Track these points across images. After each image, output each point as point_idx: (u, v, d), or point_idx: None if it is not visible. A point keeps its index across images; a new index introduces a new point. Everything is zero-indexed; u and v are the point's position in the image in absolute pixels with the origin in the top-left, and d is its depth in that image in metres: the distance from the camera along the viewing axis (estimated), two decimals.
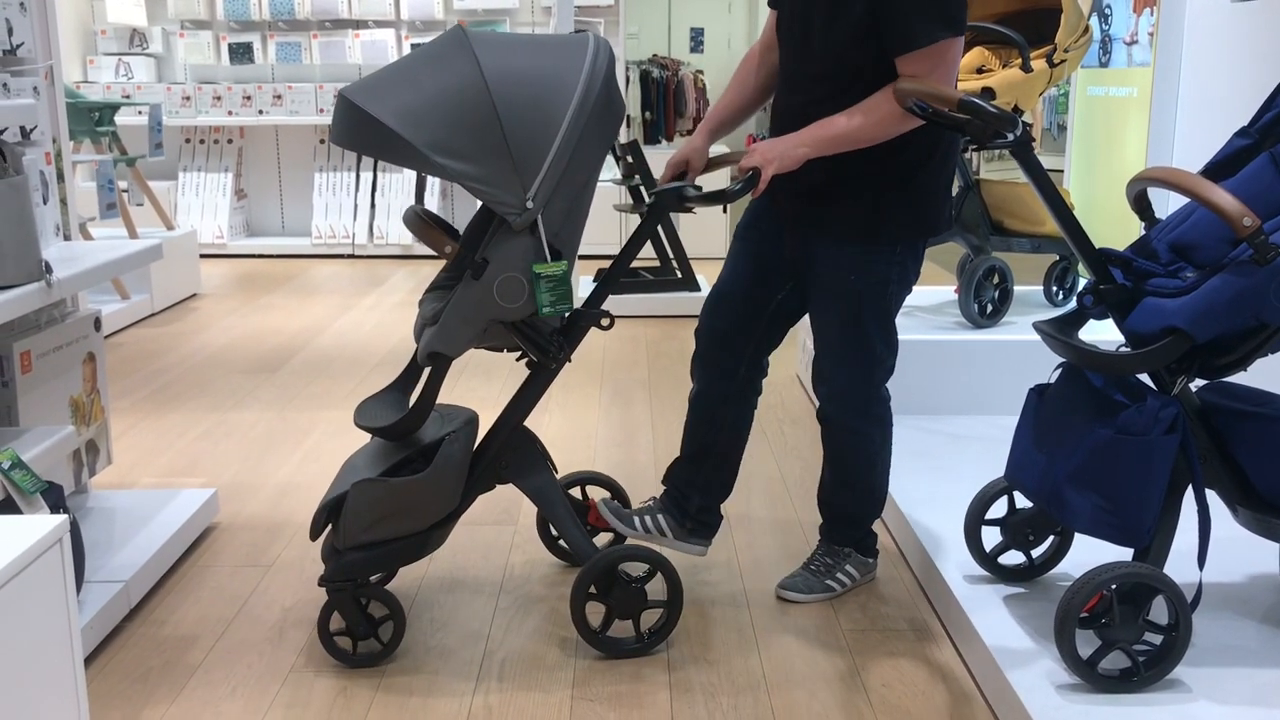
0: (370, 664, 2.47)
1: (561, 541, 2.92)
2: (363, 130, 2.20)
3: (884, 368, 2.67)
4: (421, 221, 2.37)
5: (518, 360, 2.51)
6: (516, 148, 2.23)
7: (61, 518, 1.69)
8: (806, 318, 2.73)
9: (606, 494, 2.94)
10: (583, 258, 4.52)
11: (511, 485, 2.54)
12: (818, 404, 2.75)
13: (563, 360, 2.46)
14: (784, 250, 2.65)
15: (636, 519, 2.83)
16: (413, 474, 2.41)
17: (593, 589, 2.48)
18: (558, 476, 2.63)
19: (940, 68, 2.36)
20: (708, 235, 7.39)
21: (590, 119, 2.28)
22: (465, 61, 2.23)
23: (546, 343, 2.42)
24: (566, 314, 2.37)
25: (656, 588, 2.53)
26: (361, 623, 2.47)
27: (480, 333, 2.36)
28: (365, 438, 2.62)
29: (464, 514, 2.52)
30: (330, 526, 2.46)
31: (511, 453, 2.52)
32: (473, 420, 2.52)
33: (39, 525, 1.65)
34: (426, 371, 2.45)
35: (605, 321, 2.47)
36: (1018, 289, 4.27)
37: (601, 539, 2.90)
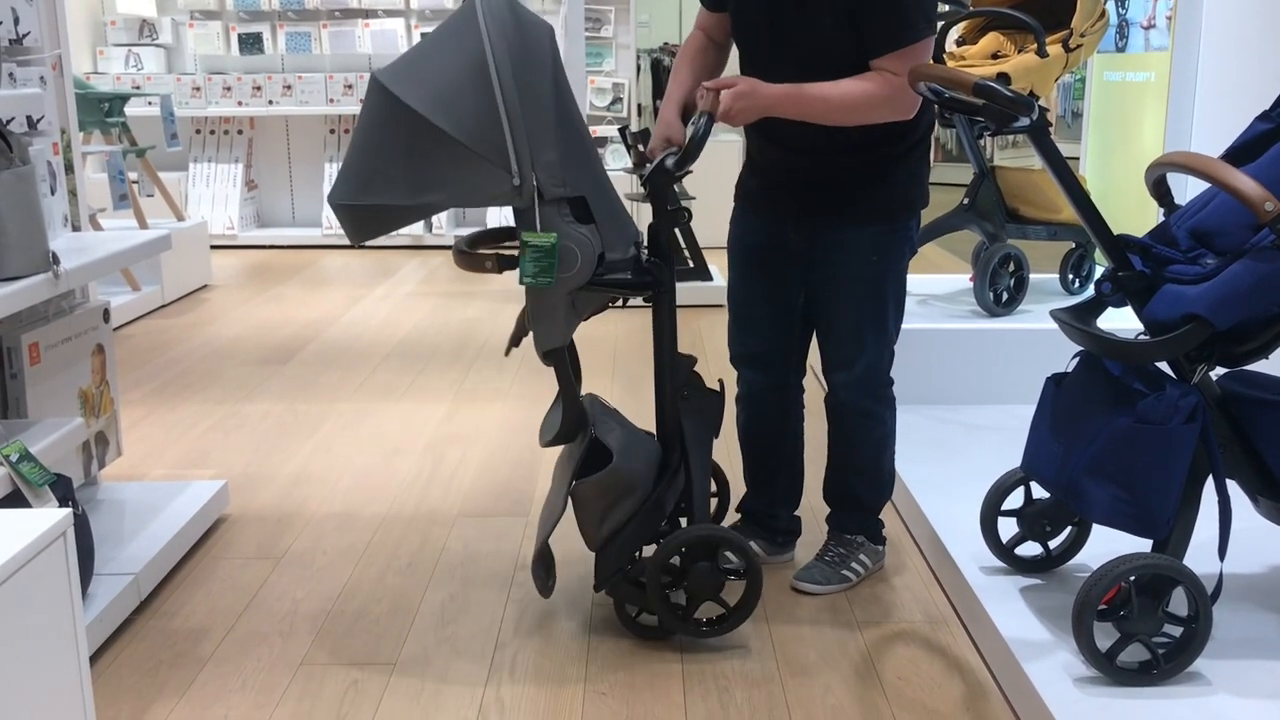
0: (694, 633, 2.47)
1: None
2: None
3: (892, 348, 2.69)
4: (462, 255, 2.40)
5: (620, 306, 2.48)
6: (477, 146, 2.15)
7: (65, 511, 1.67)
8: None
9: None
10: None
11: (519, 478, 2.51)
12: (828, 391, 2.73)
13: (671, 275, 2.44)
14: (790, 247, 2.62)
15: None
16: (604, 461, 2.43)
17: (683, 550, 2.43)
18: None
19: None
20: (721, 224, 7.33)
21: (516, 59, 2.17)
22: (378, 96, 2.19)
23: (640, 275, 2.40)
24: (548, 285, 2.24)
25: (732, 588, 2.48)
26: (668, 608, 2.44)
27: (569, 309, 2.34)
28: (366, 429, 2.60)
29: (671, 469, 2.48)
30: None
31: (688, 385, 2.54)
32: (596, 397, 2.58)
33: (43, 519, 1.63)
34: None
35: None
36: (1034, 277, 4.23)
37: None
